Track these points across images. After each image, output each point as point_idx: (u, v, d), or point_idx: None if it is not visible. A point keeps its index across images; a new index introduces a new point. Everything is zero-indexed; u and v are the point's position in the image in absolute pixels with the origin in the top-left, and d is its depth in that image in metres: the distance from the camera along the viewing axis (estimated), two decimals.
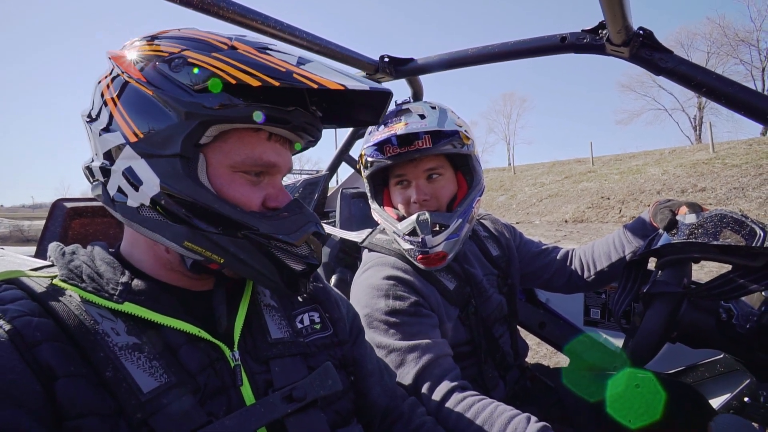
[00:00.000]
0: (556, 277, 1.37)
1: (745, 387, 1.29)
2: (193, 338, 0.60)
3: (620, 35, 1.04)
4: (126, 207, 0.59)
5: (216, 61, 0.55)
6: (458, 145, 1.10)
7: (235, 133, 0.60)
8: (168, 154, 0.56)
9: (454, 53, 1.45)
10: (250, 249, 0.59)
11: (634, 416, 1.04)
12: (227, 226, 0.58)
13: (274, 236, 0.59)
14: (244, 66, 0.54)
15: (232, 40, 0.59)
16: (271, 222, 0.60)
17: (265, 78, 0.54)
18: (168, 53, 0.57)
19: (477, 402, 0.90)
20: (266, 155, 0.62)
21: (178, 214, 0.57)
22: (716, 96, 1.05)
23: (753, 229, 0.83)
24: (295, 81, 0.55)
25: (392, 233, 1.14)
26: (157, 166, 0.56)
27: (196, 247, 0.58)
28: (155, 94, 0.56)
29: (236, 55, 0.56)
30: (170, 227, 0.58)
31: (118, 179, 0.58)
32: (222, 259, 0.59)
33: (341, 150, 2.07)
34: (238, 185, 0.61)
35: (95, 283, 0.58)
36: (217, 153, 0.60)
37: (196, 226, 0.57)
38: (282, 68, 0.55)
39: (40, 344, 0.49)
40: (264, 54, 0.57)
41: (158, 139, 0.56)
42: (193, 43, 0.58)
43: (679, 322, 0.89)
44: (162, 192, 0.56)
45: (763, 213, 8.87)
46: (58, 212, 1.00)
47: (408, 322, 1.02)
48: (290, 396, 0.62)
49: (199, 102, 0.55)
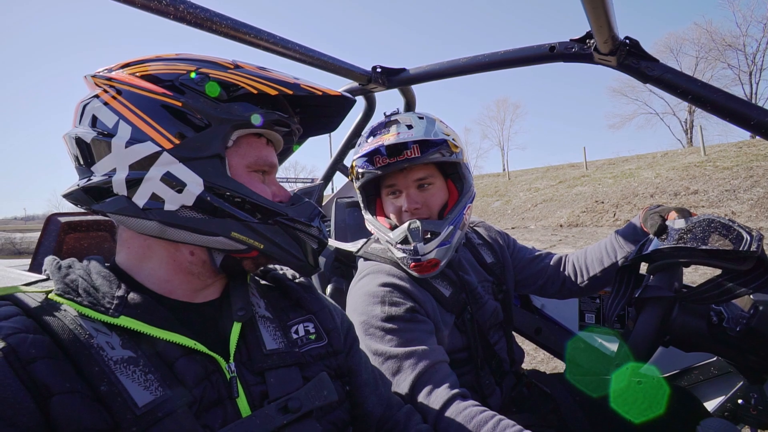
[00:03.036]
0: (550, 283, 1.38)
1: (738, 389, 1.30)
2: (189, 351, 0.60)
3: (607, 45, 1.06)
4: (164, 212, 0.61)
5: (234, 76, 0.65)
6: (447, 153, 1.11)
7: (245, 138, 0.69)
8: (206, 155, 0.63)
9: (446, 63, 1.47)
10: (281, 233, 0.68)
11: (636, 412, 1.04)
12: (263, 214, 0.66)
13: (298, 219, 0.69)
14: (259, 79, 0.66)
15: (233, 61, 0.69)
16: (293, 208, 0.70)
17: (281, 88, 0.66)
18: (185, 71, 0.64)
19: (479, 414, 0.89)
20: (269, 157, 0.73)
21: (223, 208, 0.63)
22: (702, 103, 1.07)
23: (740, 233, 0.85)
24: (304, 90, 0.68)
25: (385, 242, 1.14)
26: (198, 167, 0.62)
27: (242, 236, 0.65)
28: (184, 105, 0.62)
29: (247, 71, 0.67)
30: (215, 222, 0.64)
31: (153, 186, 0.61)
32: (262, 245, 0.67)
33: (335, 159, 2.08)
34: (255, 182, 0.70)
35: (91, 297, 0.58)
36: (235, 156, 0.68)
37: (239, 217, 0.64)
38: (290, 81, 0.67)
39: (35, 361, 0.49)
40: (267, 71, 0.69)
41: (196, 144, 0.62)
42: (202, 63, 0.66)
43: (672, 326, 0.90)
44: (206, 189, 0.62)
45: (755, 215, 8.96)
46: (53, 227, 1.00)
47: (404, 328, 1.02)
48: (286, 407, 0.62)
49: (228, 110, 0.64)
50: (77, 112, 0.66)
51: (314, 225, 0.71)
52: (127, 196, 0.61)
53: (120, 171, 0.61)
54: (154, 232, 0.63)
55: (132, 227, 0.63)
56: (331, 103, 0.80)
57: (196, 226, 0.63)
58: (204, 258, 0.67)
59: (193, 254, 0.67)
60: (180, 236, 0.63)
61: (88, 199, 0.63)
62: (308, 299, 0.81)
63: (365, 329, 1.03)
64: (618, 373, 1.07)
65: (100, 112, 0.63)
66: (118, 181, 0.61)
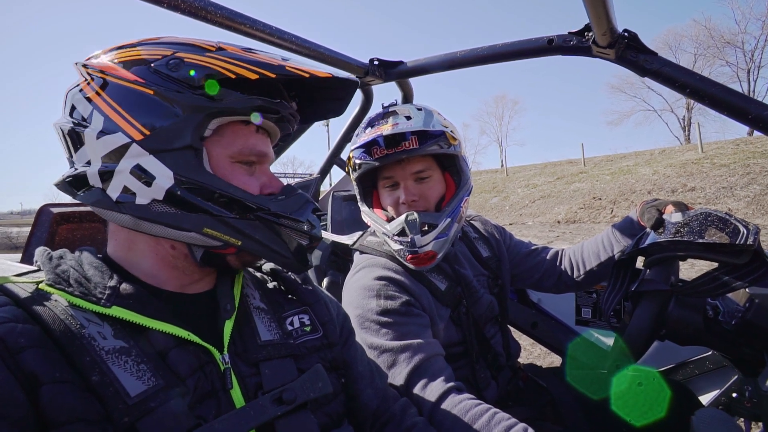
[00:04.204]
0: (546, 277, 1.38)
1: (733, 383, 1.30)
2: (183, 342, 0.59)
3: (605, 37, 1.05)
4: (135, 206, 0.59)
5: (212, 60, 0.60)
6: (445, 145, 1.10)
7: (230, 126, 0.65)
8: (178, 147, 0.59)
9: (443, 56, 1.46)
10: (262, 229, 0.64)
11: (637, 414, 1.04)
12: (241, 209, 0.62)
13: (283, 215, 0.65)
14: (239, 62, 0.60)
15: (217, 42, 0.64)
16: (278, 202, 0.66)
17: (262, 71, 0.60)
18: (161, 56, 0.61)
19: (474, 407, 0.89)
20: (258, 146, 0.68)
21: (195, 203, 0.60)
22: (700, 97, 1.07)
23: (737, 227, 0.85)
24: (288, 72, 0.62)
25: (382, 234, 1.14)
26: (168, 159, 0.59)
27: (216, 232, 0.62)
28: (157, 93, 0.59)
29: (228, 54, 0.62)
30: (188, 217, 0.60)
31: (124, 179, 0.59)
32: (239, 242, 0.63)
33: (332, 153, 2.07)
34: (238, 174, 0.65)
35: (82, 287, 0.58)
36: (217, 145, 0.64)
37: (212, 213, 0.61)
38: (275, 63, 0.62)
39: (24, 350, 0.48)
40: (251, 53, 0.64)
41: (167, 135, 0.59)
42: (182, 47, 0.62)
43: (667, 320, 0.90)
44: (176, 183, 0.59)
45: (751, 212, 9.00)
46: (45, 218, 0.99)
47: (400, 321, 1.02)
48: (280, 398, 0.62)
49: (202, 97, 0.59)
50: (63, 100, 0.66)
51: (303, 219, 0.67)
52: (102, 189, 0.60)
53: (94, 163, 0.61)
54: (129, 225, 0.62)
55: (109, 219, 0.63)
56: (332, 85, 0.75)
57: (168, 221, 0.60)
58: (185, 252, 0.65)
59: (174, 248, 0.64)
60: (154, 230, 0.61)
61: (70, 189, 0.63)
62: (304, 291, 0.81)
63: (361, 323, 1.03)
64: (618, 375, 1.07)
65: (78, 101, 0.62)
66: (92, 173, 0.60)
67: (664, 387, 1.08)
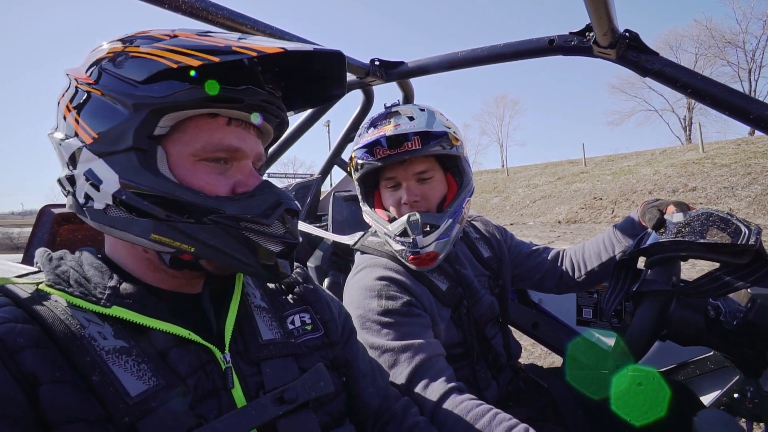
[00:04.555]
0: (547, 278, 1.37)
1: (734, 383, 1.30)
2: (183, 341, 0.59)
3: (606, 37, 1.05)
4: (94, 211, 0.59)
5: (157, 50, 0.56)
6: (447, 146, 1.10)
7: (192, 121, 0.60)
8: (122, 149, 0.56)
9: (444, 56, 1.46)
10: (219, 234, 0.58)
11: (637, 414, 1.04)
12: (192, 212, 0.57)
13: (242, 217, 0.58)
14: (184, 49, 0.55)
15: (174, 30, 0.60)
16: (238, 203, 0.59)
17: (205, 56, 0.54)
18: (113, 52, 0.58)
19: (475, 407, 0.89)
20: (226, 140, 0.61)
21: (141, 208, 0.56)
22: (701, 97, 1.07)
23: (738, 227, 0.85)
24: (233, 54, 0.55)
25: (383, 235, 1.14)
26: (115, 162, 0.56)
27: (164, 238, 0.57)
28: (103, 93, 0.56)
29: (177, 42, 0.57)
30: (136, 222, 0.57)
31: (82, 184, 0.58)
32: (192, 248, 0.58)
33: (333, 153, 2.07)
34: (202, 174, 0.60)
35: (82, 287, 0.57)
36: (177, 144, 0.59)
37: (160, 217, 0.57)
38: (221, 45, 0.56)
39: (23, 350, 0.48)
40: (205, 36, 0.58)
41: (112, 137, 0.56)
42: (135, 40, 0.59)
43: (669, 320, 0.90)
44: (122, 187, 0.56)
45: (752, 212, 8.98)
46: (46, 218, 0.99)
47: (401, 322, 1.02)
48: (282, 398, 0.62)
49: (146, 93, 0.55)
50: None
51: (269, 222, 0.60)
52: (73, 193, 0.61)
53: (63, 168, 0.61)
54: (98, 228, 0.61)
55: (86, 221, 0.62)
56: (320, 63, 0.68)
57: (121, 226, 0.58)
58: (157, 256, 0.62)
59: (146, 251, 0.62)
60: (117, 235, 0.59)
61: (61, 191, 0.64)
62: (305, 290, 0.80)
63: (362, 323, 1.03)
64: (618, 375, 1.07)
65: (56, 107, 0.63)
66: (62, 178, 0.61)
67: (664, 387, 1.08)
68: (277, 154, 1.95)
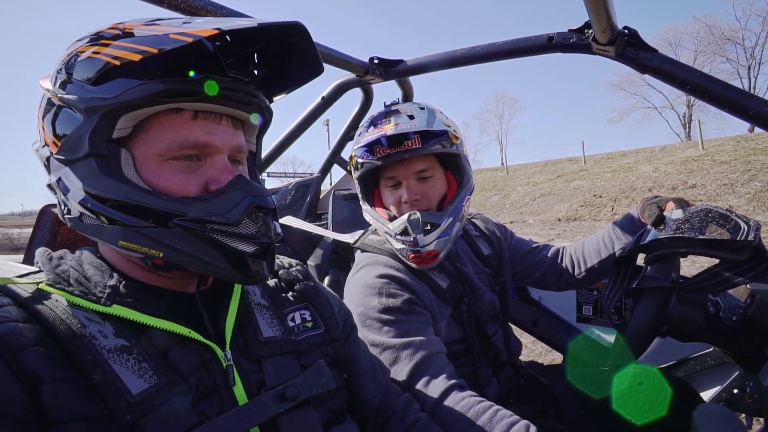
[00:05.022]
0: (547, 275, 1.38)
1: (734, 379, 1.31)
2: (184, 339, 0.59)
3: (605, 34, 1.05)
4: (72, 219, 0.59)
5: (102, 48, 0.53)
6: (447, 144, 1.10)
7: (155, 119, 0.57)
8: (82, 156, 0.54)
9: (443, 54, 1.47)
10: (186, 237, 0.56)
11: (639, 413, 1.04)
12: (156, 217, 0.55)
13: (206, 219, 0.55)
14: (126, 44, 0.52)
15: (124, 23, 0.57)
16: (202, 204, 0.56)
17: (144, 48, 0.51)
18: (67, 55, 0.57)
19: (477, 404, 0.89)
20: (192, 136, 0.58)
21: (107, 215, 0.55)
22: (700, 93, 1.07)
23: (737, 223, 0.85)
24: (169, 41, 0.51)
25: (384, 233, 1.14)
26: (78, 170, 0.55)
27: (132, 245, 0.56)
28: (61, 99, 0.55)
29: (123, 36, 0.54)
30: (105, 230, 0.56)
31: (58, 193, 0.59)
32: (161, 253, 0.56)
33: (333, 152, 2.07)
34: (169, 174, 0.57)
35: (83, 286, 0.58)
36: (141, 145, 0.57)
37: (125, 224, 0.55)
38: (159, 33, 0.53)
39: (25, 350, 0.48)
40: (150, 26, 0.55)
41: (71, 144, 0.55)
42: (87, 40, 0.57)
43: (668, 316, 0.91)
44: (86, 195, 0.55)
45: (752, 208, 8.99)
46: (46, 218, 0.99)
47: (401, 319, 1.02)
48: (283, 395, 0.62)
49: (96, 95, 0.53)
50: None
51: (234, 222, 0.56)
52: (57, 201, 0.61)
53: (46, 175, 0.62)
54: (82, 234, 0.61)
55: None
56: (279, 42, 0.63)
57: (93, 233, 0.58)
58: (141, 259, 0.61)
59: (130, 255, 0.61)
60: (96, 241, 0.60)
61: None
62: (305, 287, 0.80)
63: (362, 320, 1.03)
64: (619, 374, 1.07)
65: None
66: (47, 184, 0.61)
67: (665, 386, 1.08)
68: (276, 154, 1.95)
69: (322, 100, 1.80)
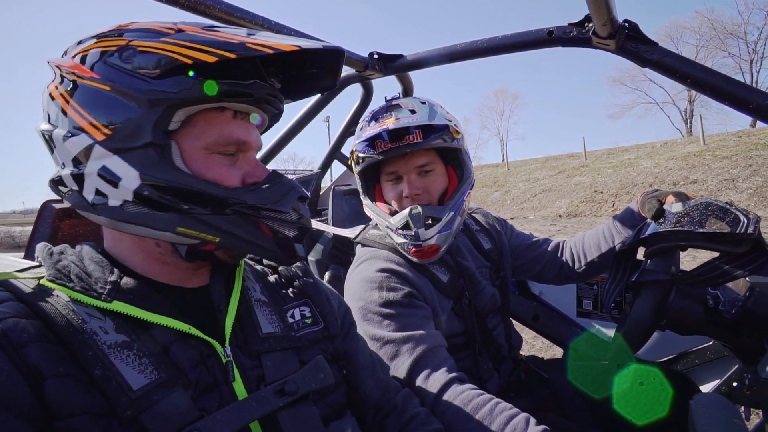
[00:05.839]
0: (548, 269, 1.38)
1: (733, 372, 1.31)
2: (184, 335, 0.60)
3: (605, 28, 1.05)
4: (108, 208, 0.58)
5: (167, 45, 0.55)
6: (448, 139, 1.10)
7: (202, 115, 0.61)
8: (140, 144, 0.56)
9: (443, 49, 1.46)
10: (242, 223, 0.61)
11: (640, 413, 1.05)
12: (215, 205, 0.59)
13: (262, 206, 0.61)
14: (196, 45, 0.55)
15: (177, 24, 0.60)
16: (256, 194, 0.62)
17: (221, 52, 0.54)
18: (116, 46, 0.57)
19: (476, 397, 0.90)
20: (235, 133, 0.63)
21: (165, 202, 0.57)
22: (701, 86, 1.07)
23: (737, 216, 0.85)
24: (250, 50, 0.56)
25: (385, 228, 1.14)
26: (132, 158, 0.56)
27: (190, 231, 0.59)
28: (113, 89, 0.55)
29: (186, 36, 0.56)
30: (159, 217, 0.58)
31: (94, 181, 0.57)
32: (218, 238, 0.60)
33: (333, 148, 2.07)
34: (215, 166, 0.62)
35: (83, 282, 0.58)
36: (189, 138, 0.60)
37: (185, 210, 0.58)
38: (234, 41, 0.56)
39: (28, 345, 0.49)
40: (212, 31, 0.58)
41: (127, 133, 0.56)
42: (139, 33, 0.58)
43: (668, 310, 0.91)
44: (143, 183, 0.56)
45: (753, 203, 8.98)
46: (47, 213, 0.99)
47: (402, 313, 1.02)
48: (282, 390, 0.62)
49: (159, 88, 0.55)
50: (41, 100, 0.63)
51: (286, 209, 0.62)
52: (78, 191, 0.59)
53: (66, 166, 0.60)
54: (108, 226, 0.61)
55: (92, 220, 0.62)
56: (317, 58, 0.69)
57: (142, 221, 0.58)
58: (171, 249, 0.63)
59: (159, 245, 0.63)
60: (132, 230, 0.60)
61: (58, 190, 0.63)
62: (304, 284, 0.81)
63: (363, 314, 1.03)
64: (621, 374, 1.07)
65: (47, 102, 0.61)
66: (66, 176, 0.59)
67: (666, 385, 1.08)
68: (276, 150, 1.95)
69: (322, 96, 1.80)
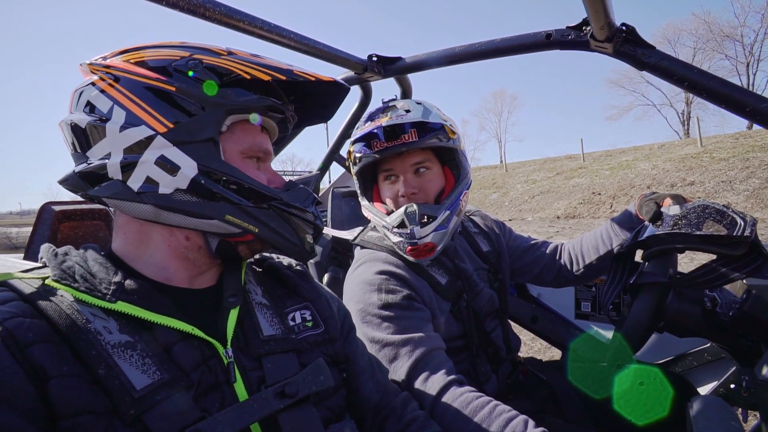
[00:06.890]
0: (546, 272, 1.38)
1: (730, 374, 1.31)
2: (187, 336, 0.60)
3: (603, 31, 1.06)
4: (158, 195, 0.62)
5: (227, 62, 0.66)
6: (444, 138, 1.11)
7: (239, 124, 0.70)
8: (201, 139, 0.64)
9: (442, 51, 1.47)
10: (276, 218, 0.69)
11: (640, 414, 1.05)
12: (257, 198, 0.67)
13: (293, 204, 0.70)
14: (252, 65, 0.66)
15: (228, 48, 0.70)
16: (287, 193, 0.71)
17: (274, 74, 0.67)
18: (179, 56, 0.66)
19: (475, 399, 0.90)
20: (264, 143, 0.73)
21: (217, 192, 0.64)
22: (698, 90, 1.07)
23: (734, 219, 0.85)
24: (298, 76, 0.69)
25: (382, 227, 1.15)
26: (192, 151, 0.63)
27: (236, 219, 0.66)
28: (179, 89, 0.63)
29: (240, 58, 0.68)
30: (210, 205, 0.64)
31: (147, 169, 0.62)
32: (257, 229, 0.67)
33: (331, 150, 2.07)
34: (249, 168, 0.70)
35: (88, 282, 0.58)
36: (229, 141, 0.68)
37: (233, 201, 0.65)
38: (283, 67, 0.68)
39: (32, 345, 0.49)
40: (260, 57, 0.70)
41: (190, 128, 0.63)
42: (196, 50, 0.68)
43: (666, 312, 0.91)
44: (200, 172, 0.63)
45: (750, 205, 9.02)
46: (47, 216, 0.99)
47: (401, 315, 1.03)
48: (283, 392, 0.63)
49: (221, 95, 0.65)
50: (73, 98, 0.67)
51: (309, 210, 0.72)
52: (121, 180, 0.62)
53: (115, 155, 0.62)
54: (149, 216, 0.63)
55: (127, 211, 0.64)
56: (325, 91, 0.81)
57: (191, 209, 0.63)
58: (199, 243, 0.68)
59: (189, 239, 0.67)
60: (175, 220, 0.64)
61: (83, 184, 0.64)
62: (305, 287, 0.82)
63: (362, 317, 1.04)
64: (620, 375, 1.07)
65: (95, 98, 0.64)
66: (113, 165, 0.62)
67: (666, 385, 1.08)
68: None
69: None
